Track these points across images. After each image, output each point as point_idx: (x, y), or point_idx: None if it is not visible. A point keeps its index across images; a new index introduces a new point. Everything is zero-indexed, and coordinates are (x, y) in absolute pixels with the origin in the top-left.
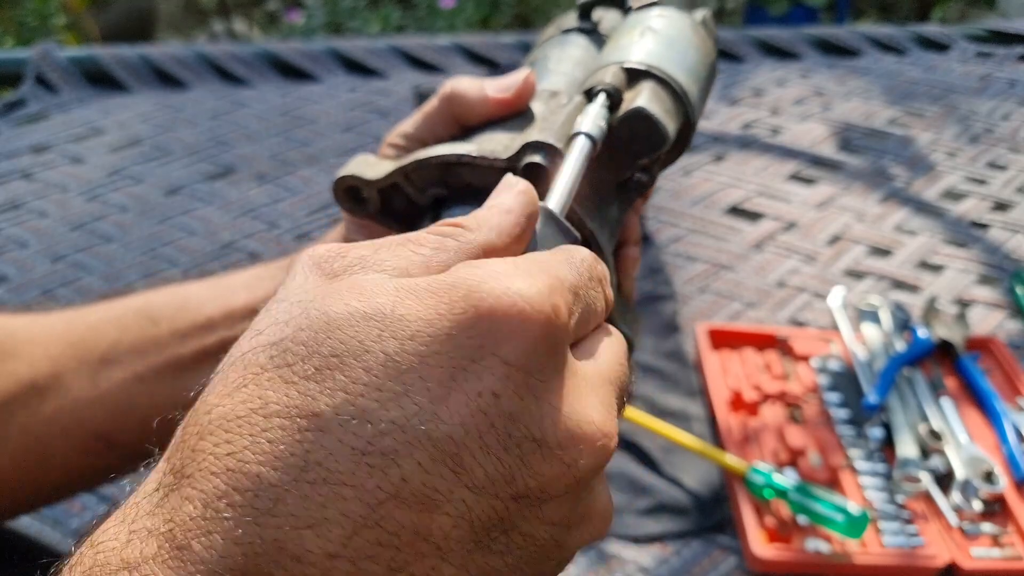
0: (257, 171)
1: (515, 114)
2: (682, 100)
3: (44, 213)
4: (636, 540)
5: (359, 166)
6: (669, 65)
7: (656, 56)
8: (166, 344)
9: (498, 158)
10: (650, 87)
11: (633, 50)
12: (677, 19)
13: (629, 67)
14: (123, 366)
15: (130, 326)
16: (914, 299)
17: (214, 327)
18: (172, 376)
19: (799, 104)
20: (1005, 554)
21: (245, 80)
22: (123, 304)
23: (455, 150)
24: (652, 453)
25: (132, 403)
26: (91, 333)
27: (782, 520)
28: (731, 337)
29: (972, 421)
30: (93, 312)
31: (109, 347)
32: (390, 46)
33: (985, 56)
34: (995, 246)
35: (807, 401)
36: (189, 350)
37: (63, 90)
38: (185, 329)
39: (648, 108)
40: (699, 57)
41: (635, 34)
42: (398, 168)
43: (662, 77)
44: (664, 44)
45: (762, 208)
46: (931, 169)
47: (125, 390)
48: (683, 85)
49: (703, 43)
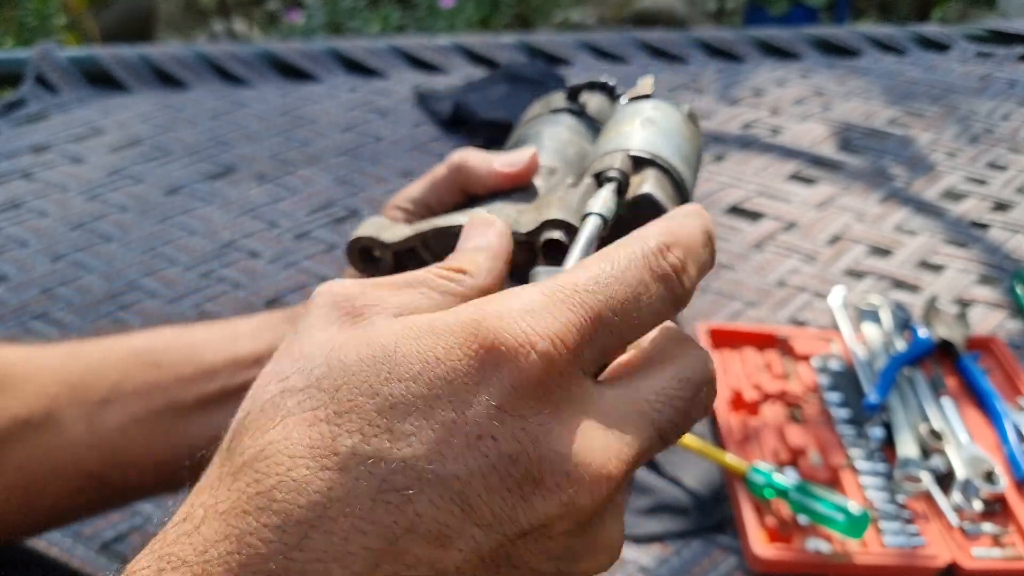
0: (257, 171)
1: (519, 187)
2: (680, 186)
3: (44, 213)
4: (636, 540)
5: (374, 227)
6: (669, 154)
7: (657, 145)
8: (167, 388)
9: (518, 231)
10: (654, 174)
11: (636, 139)
12: (671, 112)
13: (635, 155)
14: (121, 408)
15: (132, 369)
16: (914, 299)
17: (216, 374)
18: (170, 420)
19: (799, 104)
20: (1006, 554)
21: (245, 80)
22: (127, 344)
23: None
24: None
25: (128, 445)
26: (91, 374)
27: (782, 520)
28: (731, 336)
29: (972, 421)
30: (95, 350)
31: (109, 389)
32: (390, 46)
33: (985, 56)
34: (995, 246)
35: (807, 401)
36: (190, 396)
37: (63, 90)
38: (188, 375)
39: (655, 194)
40: (690, 147)
41: (635, 123)
42: (417, 233)
43: (664, 165)
44: (663, 135)
45: (762, 208)
46: (931, 169)
47: (121, 432)
48: (681, 173)
49: (693, 134)
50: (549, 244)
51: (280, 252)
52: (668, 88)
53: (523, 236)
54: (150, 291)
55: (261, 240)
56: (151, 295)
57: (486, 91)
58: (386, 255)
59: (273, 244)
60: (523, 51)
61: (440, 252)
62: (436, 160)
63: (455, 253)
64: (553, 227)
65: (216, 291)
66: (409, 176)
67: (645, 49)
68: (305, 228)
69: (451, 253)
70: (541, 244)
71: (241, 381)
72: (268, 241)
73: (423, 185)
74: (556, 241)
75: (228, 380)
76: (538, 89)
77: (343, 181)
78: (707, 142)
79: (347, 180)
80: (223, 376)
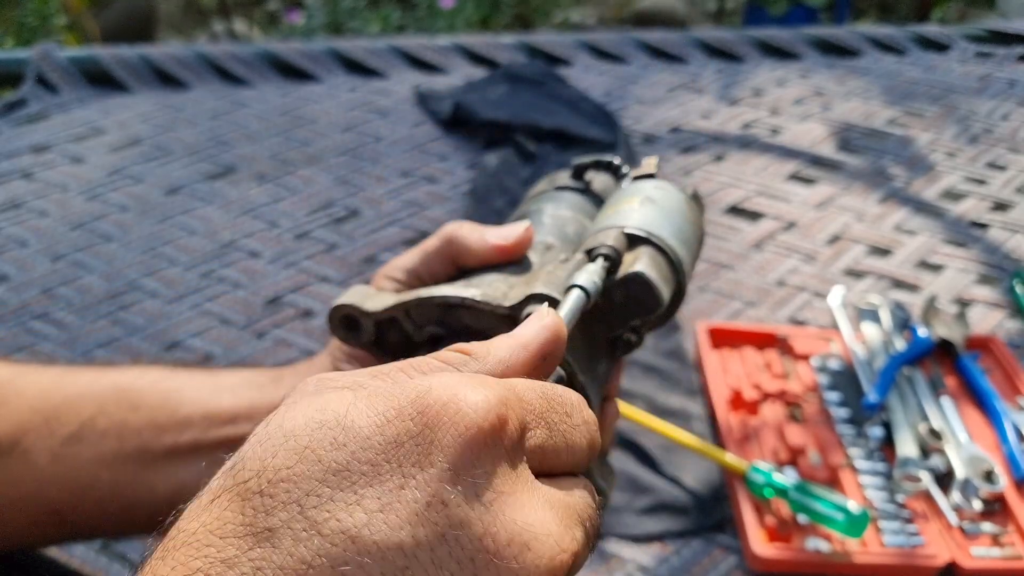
0: (257, 171)
1: (512, 261)
2: (676, 267)
3: (44, 212)
4: (636, 539)
5: (357, 296)
6: (666, 234)
7: (655, 225)
8: (140, 432)
9: (500, 304)
10: (649, 253)
11: (633, 216)
12: (673, 193)
13: (630, 232)
14: (91, 446)
15: (108, 407)
16: (914, 298)
17: (191, 426)
18: (137, 466)
19: (799, 104)
20: (1005, 553)
21: (245, 80)
22: (110, 379)
23: (459, 293)
24: (652, 452)
25: (91, 484)
26: (67, 406)
27: (782, 519)
28: (731, 336)
29: (972, 420)
30: (77, 381)
31: (81, 425)
32: (390, 46)
33: (985, 56)
34: (995, 246)
35: (807, 400)
36: (161, 445)
37: (63, 90)
38: (162, 422)
39: (647, 273)
40: (691, 229)
41: (635, 202)
42: (400, 303)
43: (660, 245)
44: (662, 215)
45: (762, 208)
46: (931, 169)
47: (87, 471)
48: (678, 254)
49: (695, 216)
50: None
51: (280, 252)
52: (668, 88)
53: (506, 310)
54: (150, 291)
55: (261, 240)
56: (151, 295)
57: (486, 91)
58: (367, 324)
59: (273, 244)
60: (523, 51)
61: (422, 323)
62: (436, 160)
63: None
64: (537, 301)
65: (216, 291)
66: (409, 176)
67: (645, 49)
68: (305, 228)
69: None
70: (523, 318)
71: (214, 437)
72: (268, 241)
73: (415, 255)
74: None
75: (201, 434)
76: (538, 89)
77: (343, 181)
78: (707, 142)
79: (347, 180)
80: (196, 429)
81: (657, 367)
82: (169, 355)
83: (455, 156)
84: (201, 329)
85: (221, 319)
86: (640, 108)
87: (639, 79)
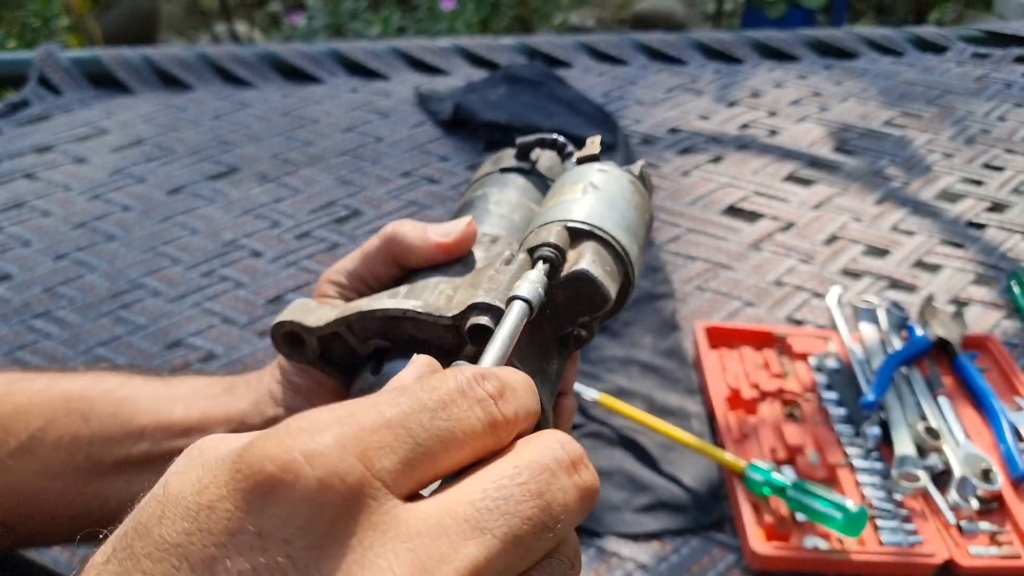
0: (259, 171)
1: (456, 258)
2: (623, 260)
3: (47, 212)
4: (635, 538)
5: (299, 312)
6: (610, 224)
7: (598, 215)
8: (90, 444)
9: (443, 315)
10: (593, 248)
11: (575, 208)
12: (617, 176)
13: (572, 227)
14: (38, 458)
15: (59, 417)
16: (911, 298)
17: (143, 438)
18: (85, 478)
19: (797, 105)
20: (1003, 552)
21: (247, 81)
22: (62, 388)
23: (400, 305)
24: (651, 450)
25: (39, 497)
26: (16, 418)
27: (780, 517)
28: (729, 335)
29: (969, 419)
30: (28, 390)
31: (30, 436)
32: (391, 48)
33: (982, 57)
34: (992, 246)
35: (805, 399)
36: (110, 457)
37: (66, 91)
38: (113, 433)
39: (591, 271)
40: (637, 215)
41: (578, 190)
42: (341, 318)
43: (604, 237)
44: (606, 203)
45: (760, 208)
46: (928, 170)
47: (33, 483)
48: (624, 245)
49: (642, 200)
50: (474, 329)
51: (282, 251)
52: (667, 89)
53: (449, 320)
54: (152, 290)
55: (263, 239)
56: (153, 294)
57: (486, 92)
58: (311, 340)
59: (275, 243)
60: (523, 53)
61: (366, 336)
62: (437, 160)
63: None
64: (479, 312)
65: (218, 290)
66: (409, 176)
67: (644, 51)
68: (306, 228)
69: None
70: (467, 329)
71: (166, 448)
72: (270, 240)
73: (356, 258)
74: (483, 327)
75: (153, 446)
76: (537, 90)
77: (344, 181)
78: (705, 143)
79: (348, 180)
80: (149, 441)
81: (656, 366)
82: (171, 353)
83: (455, 156)
84: (203, 328)
85: (223, 318)
86: (639, 109)
87: (638, 80)
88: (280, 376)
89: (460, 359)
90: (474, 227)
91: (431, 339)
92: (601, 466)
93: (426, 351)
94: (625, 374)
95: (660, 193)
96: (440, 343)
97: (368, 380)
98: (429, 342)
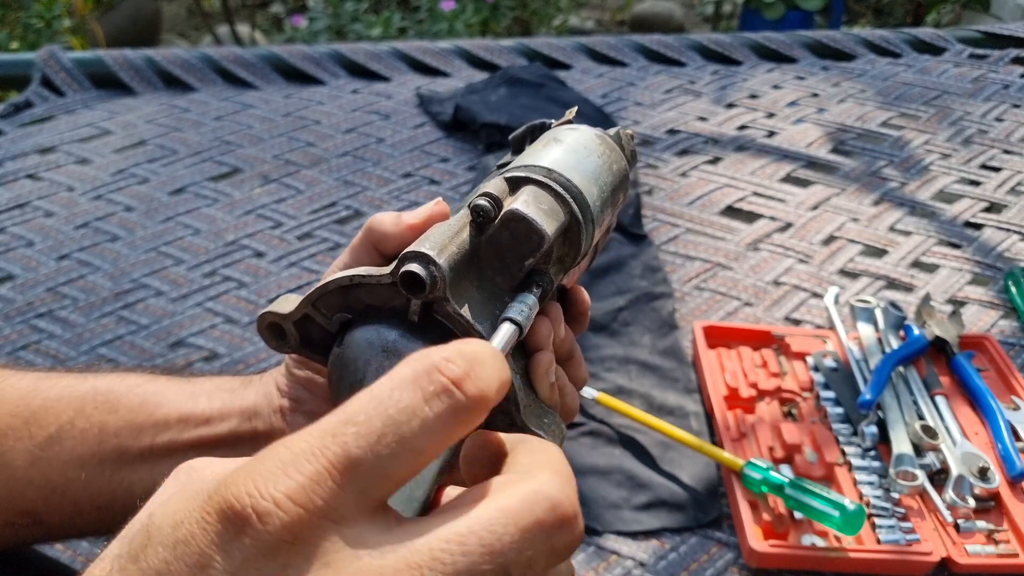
0: (261, 171)
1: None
2: (565, 200)
3: (50, 212)
4: (633, 535)
5: (278, 303)
6: (562, 167)
7: (549, 161)
8: (118, 433)
9: (383, 274)
10: (529, 190)
11: (527, 159)
12: (584, 131)
13: (511, 175)
14: (69, 448)
15: (87, 409)
16: (908, 298)
17: (167, 427)
18: (113, 467)
19: (794, 106)
20: (999, 550)
21: (249, 83)
22: (90, 383)
23: (346, 273)
24: (649, 449)
25: (67, 486)
26: (45, 412)
27: (778, 515)
28: (727, 335)
29: (966, 418)
30: (57, 385)
31: (60, 427)
32: (392, 49)
33: (979, 59)
34: (989, 246)
35: (803, 398)
36: (138, 445)
37: (69, 92)
38: (140, 423)
39: (521, 209)
40: (601, 163)
41: (539, 146)
42: (305, 298)
43: (542, 180)
44: (563, 151)
45: (758, 208)
46: (925, 170)
47: (63, 473)
48: (576, 185)
49: (610, 151)
50: (405, 277)
51: (284, 252)
52: (665, 90)
53: (388, 278)
54: (155, 290)
55: (265, 240)
56: (156, 294)
57: (486, 94)
58: (289, 328)
59: (277, 244)
60: (522, 54)
61: (330, 312)
62: (437, 161)
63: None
64: (409, 260)
65: (220, 290)
66: (410, 177)
67: (642, 52)
68: (308, 228)
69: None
70: (399, 278)
71: (188, 438)
72: (272, 241)
73: (346, 254)
74: (414, 273)
75: (177, 435)
76: (537, 91)
77: (346, 182)
78: (703, 144)
79: (350, 181)
80: (173, 430)
81: (655, 365)
82: (173, 353)
83: (456, 158)
84: (205, 327)
85: (225, 318)
86: (638, 110)
87: (637, 82)
88: (284, 369)
89: (409, 315)
90: (443, 206)
91: (384, 303)
92: (600, 464)
93: (382, 316)
94: (624, 373)
95: (659, 193)
96: (393, 304)
97: (335, 353)
98: (382, 307)
